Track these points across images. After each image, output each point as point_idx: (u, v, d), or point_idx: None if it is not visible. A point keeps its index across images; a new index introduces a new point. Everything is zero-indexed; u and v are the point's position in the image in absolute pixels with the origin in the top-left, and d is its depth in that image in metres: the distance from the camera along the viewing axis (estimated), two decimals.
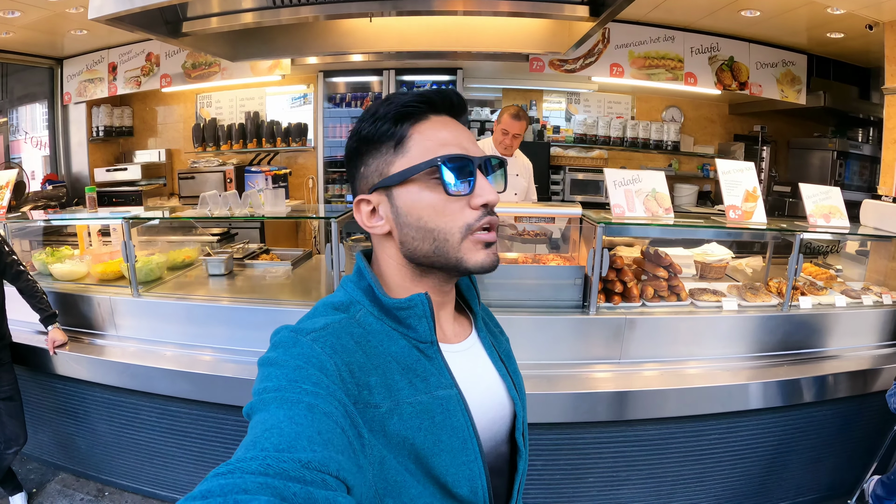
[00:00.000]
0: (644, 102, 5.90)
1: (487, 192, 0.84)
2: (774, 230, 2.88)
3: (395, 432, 0.75)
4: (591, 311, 2.62)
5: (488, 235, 0.85)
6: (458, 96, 0.90)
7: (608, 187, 2.78)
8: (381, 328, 0.83)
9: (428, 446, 0.78)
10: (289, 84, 5.85)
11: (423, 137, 0.85)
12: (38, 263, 3.32)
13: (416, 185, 0.84)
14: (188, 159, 6.03)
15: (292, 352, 0.74)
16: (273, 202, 3.10)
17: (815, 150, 5.41)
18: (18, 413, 2.83)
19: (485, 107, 5.86)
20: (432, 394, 0.81)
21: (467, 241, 0.84)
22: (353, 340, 0.79)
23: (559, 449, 2.55)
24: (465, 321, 0.99)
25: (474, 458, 0.83)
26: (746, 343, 2.72)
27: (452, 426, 0.81)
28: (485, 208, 0.85)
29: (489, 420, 0.90)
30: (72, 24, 4.55)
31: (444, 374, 0.84)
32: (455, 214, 0.84)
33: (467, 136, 0.88)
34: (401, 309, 0.84)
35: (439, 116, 0.87)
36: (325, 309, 0.86)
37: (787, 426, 2.69)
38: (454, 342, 0.92)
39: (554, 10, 2.92)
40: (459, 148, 0.85)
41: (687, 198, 5.68)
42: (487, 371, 0.94)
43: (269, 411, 0.66)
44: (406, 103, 0.85)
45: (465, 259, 0.84)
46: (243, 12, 3.13)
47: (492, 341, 0.98)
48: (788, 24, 4.31)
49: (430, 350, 0.84)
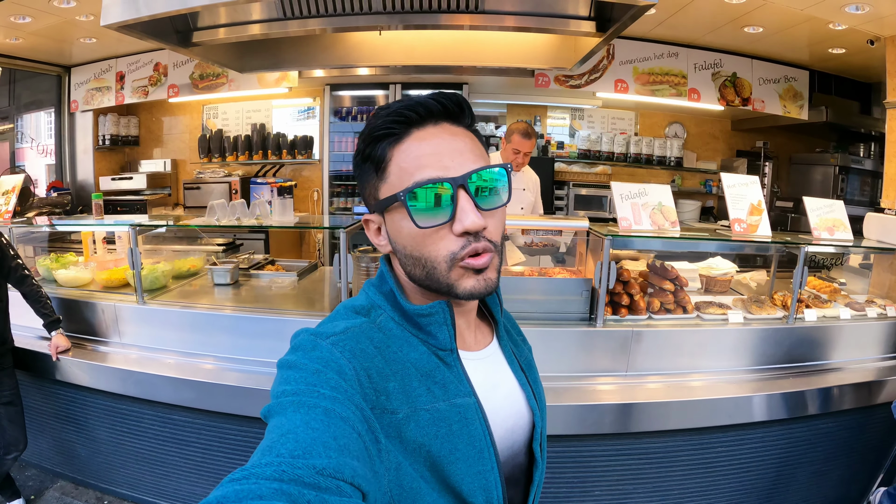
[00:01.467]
0: (647, 118, 5.94)
1: (467, 219, 0.77)
2: (779, 243, 2.89)
3: (411, 439, 0.75)
4: (598, 323, 2.62)
5: (477, 261, 0.79)
6: (444, 100, 0.82)
7: (615, 200, 2.79)
8: (402, 334, 0.83)
9: (444, 454, 0.77)
10: (295, 97, 5.89)
11: (401, 159, 0.79)
12: (42, 269, 3.33)
13: (397, 213, 0.81)
14: (193, 170, 6.04)
15: (311, 355, 0.74)
16: (281, 212, 3.11)
17: (818, 166, 5.45)
18: (19, 418, 2.82)
19: (489, 122, 5.90)
20: (450, 401, 0.80)
21: (455, 269, 0.79)
22: (373, 345, 0.78)
23: (565, 461, 2.54)
24: (486, 329, 0.97)
25: (490, 468, 0.82)
26: (751, 355, 2.72)
27: (469, 435, 0.80)
28: (468, 235, 0.78)
29: (507, 429, 0.89)
30: (81, 32, 4.57)
31: (462, 381, 0.83)
32: (438, 244, 0.79)
33: (454, 147, 0.80)
34: (422, 315, 0.83)
35: (422, 129, 0.80)
36: (347, 312, 0.85)
37: (792, 439, 2.68)
38: (474, 350, 0.91)
39: (560, 25, 2.94)
40: (438, 168, 0.78)
41: (690, 213, 5.71)
42: (507, 380, 0.93)
43: (287, 415, 0.65)
44: (379, 126, 0.80)
45: (455, 286, 0.80)
46: (252, 23, 3.16)
47: (513, 350, 0.97)
48: (791, 40, 4.35)
49: (449, 358, 0.84)
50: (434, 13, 2.99)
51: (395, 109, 0.80)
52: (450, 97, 0.82)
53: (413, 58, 4.09)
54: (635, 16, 2.56)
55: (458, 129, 0.83)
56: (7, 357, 2.82)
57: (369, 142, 0.82)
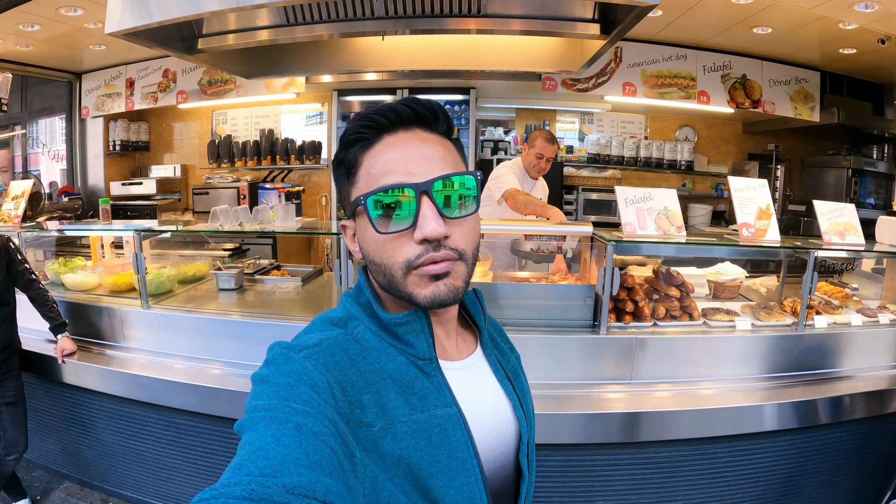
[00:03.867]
0: (657, 122, 5.89)
1: (427, 226, 0.75)
2: (788, 248, 2.85)
3: (389, 452, 0.74)
4: (601, 330, 2.59)
5: (435, 267, 0.77)
6: (416, 106, 0.81)
7: (619, 205, 2.76)
8: (379, 344, 0.82)
9: (424, 467, 0.76)
10: (303, 102, 5.91)
11: (370, 164, 0.79)
12: (50, 273, 3.36)
13: (363, 218, 0.80)
14: (203, 175, 6.09)
15: (284, 369, 0.73)
16: (283, 217, 3.11)
17: (830, 168, 5.38)
18: (21, 419, 2.84)
19: (498, 126, 5.88)
20: (430, 412, 0.78)
21: (412, 276, 0.78)
22: (347, 357, 0.77)
23: (568, 471, 2.50)
24: (469, 337, 0.95)
25: (475, 480, 0.80)
26: (760, 363, 2.67)
27: (451, 446, 0.79)
28: (427, 243, 0.77)
29: (493, 440, 0.87)
30: (90, 39, 4.62)
31: (443, 392, 0.81)
32: (396, 251, 0.78)
33: (423, 153, 0.79)
34: (398, 325, 0.82)
35: (393, 135, 0.80)
36: (323, 324, 0.85)
37: (802, 448, 2.62)
38: (457, 359, 0.89)
39: (566, 28, 2.93)
40: (403, 174, 0.77)
41: (701, 217, 5.65)
42: (492, 389, 0.91)
43: (258, 431, 0.65)
44: (351, 131, 0.81)
45: (413, 295, 0.79)
46: (258, 30, 3.17)
47: (498, 358, 0.94)
48: (800, 40, 4.29)
49: (428, 367, 0.82)
50: (439, 17, 3.00)
51: (367, 115, 0.81)
52: (423, 104, 0.82)
53: (419, 62, 4.09)
54: (639, 16, 2.53)
55: (431, 136, 0.82)
56: (14, 359, 2.85)
57: (342, 146, 0.83)
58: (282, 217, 3.10)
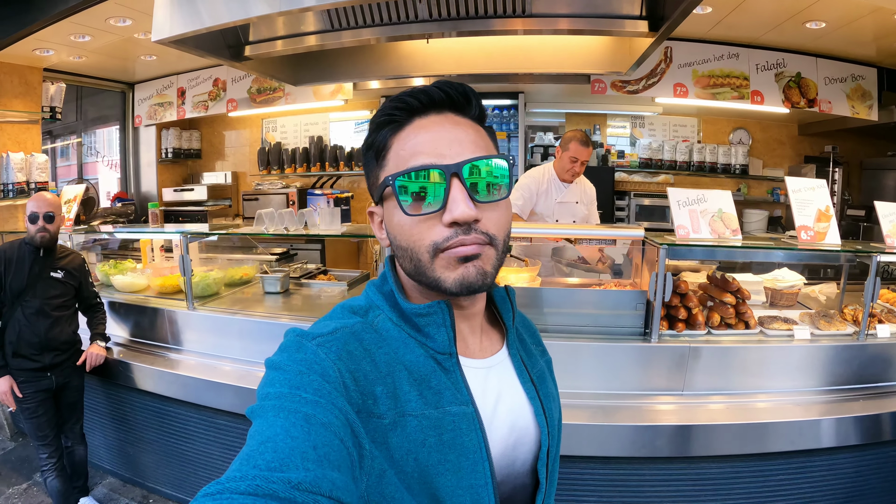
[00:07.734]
0: (710, 125, 5.72)
1: (457, 208, 0.73)
2: (849, 251, 2.69)
3: (397, 445, 0.71)
4: (652, 338, 2.50)
5: (464, 249, 0.74)
6: (448, 89, 0.79)
7: (672, 207, 2.65)
8: (399, 335, 0.79)
9: (432, 464, 0.73)
10: (352, 109, 5.97)
11: (400, 146, 0.78)
12: (100, 274, 3.47)
13: (391, 201, 0.78)
14: (253, 181, 6.22)
15: (296, 357, 0.71)
16: (329, 221, 3.12)
17: (890, 171, 5.09)
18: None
19: (548, 132, 5.81)
20: (444, 409, 0.76)
21: (439, 259, 0.75)
22: (363, 347, 0.75)
23: (614, 485, 2.41)
24: (496, 335, 0.91)
25: (484, 483, 0.76)
26: (819, 375, 2.52)
27: (462, 446, 0.75)
28: (457, 226, 0.74)
29: (509, 445, 0.84)
30: (141, 50, 4.77)
31: (460, 389, 0.78)
32: (424, 233, 0.75)
33: (454, 136, 0.77)
34: (419, 315, 0.80)
35: (425, 117, 0.78)
36: (343, 312, 0.83)
37: (862, 466, 2.46)
38: (479, 357, 0.86)
39: (613, 25, 2.86)
40: (433, 155, 0.75)
41: (756, 223, 5.44)
42: (513, 391, 0.86)
43: (268, 419, 0.63)
44: (381, 113, 0.80)
45: (441, 280, 0.76)
46: (305, 35, 3.20)
47: (523, 359, 0.90)
48: (855, 34, 4.08)
49: (447, 362, 0.79)
50: (483, 18, 2.98)
51: (399, 97, 0.79)
52: (456, 87, 0.79)
53: (465, 66, 4.08)
54: (686, 11, 2.45)
55: (463, 120, 0.80)
56: (78, 356, 2.93)
57: (372, 129, 0.81)
58: (327, 221, 3.10)
